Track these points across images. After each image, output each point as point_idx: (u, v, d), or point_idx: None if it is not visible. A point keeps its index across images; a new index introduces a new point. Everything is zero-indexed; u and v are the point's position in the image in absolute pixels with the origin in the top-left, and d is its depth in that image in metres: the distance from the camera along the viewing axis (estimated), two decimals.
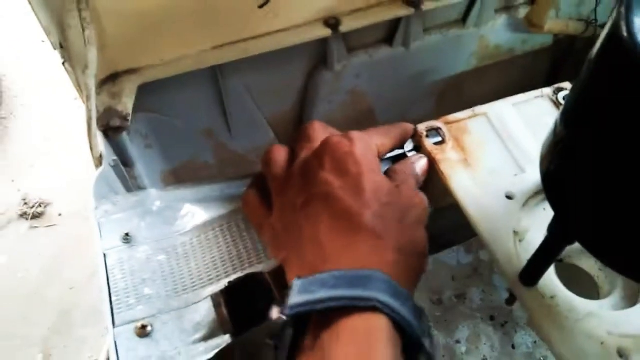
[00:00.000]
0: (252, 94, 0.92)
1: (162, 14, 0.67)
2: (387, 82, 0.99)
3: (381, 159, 0.49)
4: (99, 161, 0.63)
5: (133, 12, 0.64)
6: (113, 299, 0.42)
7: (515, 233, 0.46)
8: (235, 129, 0.97)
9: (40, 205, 1.37)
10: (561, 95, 0.64)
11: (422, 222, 0.40)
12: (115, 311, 0.40)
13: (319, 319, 0.28)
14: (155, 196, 0.55)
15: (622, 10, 0.22)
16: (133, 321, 0.40)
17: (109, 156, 0.65)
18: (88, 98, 0.59)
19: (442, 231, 0.90)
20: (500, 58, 1.03)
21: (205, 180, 0.56)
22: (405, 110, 1.09)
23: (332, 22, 0.80)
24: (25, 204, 1.36)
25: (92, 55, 0.59)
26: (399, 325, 0.28)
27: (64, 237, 1.30)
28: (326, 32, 0.80)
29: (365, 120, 1.07)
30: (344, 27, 0.80)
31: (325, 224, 0.36)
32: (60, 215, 1.36)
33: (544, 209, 0.51)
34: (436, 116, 0.60)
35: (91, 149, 0.63)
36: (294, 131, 1.08)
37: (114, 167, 0.67)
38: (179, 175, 1.05)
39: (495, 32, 0.97)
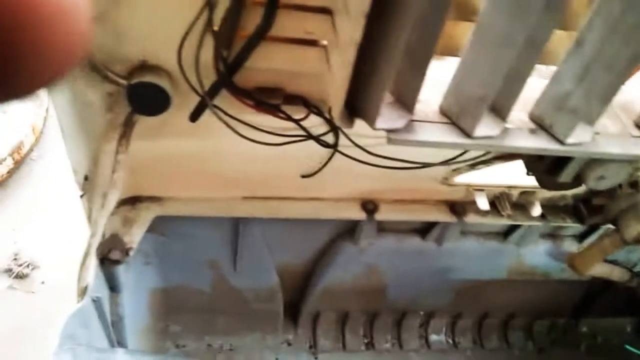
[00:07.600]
0: (267, 241, 0.88)
1: (201, 156, 0.65)
2: (409, 268, 0.93)
3: None
4: (82, 292, 0.58)
5: (167, 155, 0.63)
6: None
7: None
8: (241, 266, 0.92)
9: (28, 266, 1.31)
10: None
11: None
12: None
13: None
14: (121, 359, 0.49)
15: None
16: None
17: (94, 290, 0.60)
18: (93, 235, 0.55)
19: None
20: (534, 277, 0.97)
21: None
22: (417, 297, 1.02)
23: (369, 207, 0.76)
24: (15, 259, 1.30)
25: (118, 178, 0.55)
26: None
27: (38, 310, 1.22)
28: (361, 215, 0.77)
29: (374, 296, 1.00)
30: (380, 215, 0.77)
31: None
32: (42, 283, 1.29)
33: None
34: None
35: (78, 279, 0.58)
36: (300, 284, 1.02)
37: (95, 302, 0.62)
38: (169, 297, 0.98)
39: (534, 254, 0.93)
